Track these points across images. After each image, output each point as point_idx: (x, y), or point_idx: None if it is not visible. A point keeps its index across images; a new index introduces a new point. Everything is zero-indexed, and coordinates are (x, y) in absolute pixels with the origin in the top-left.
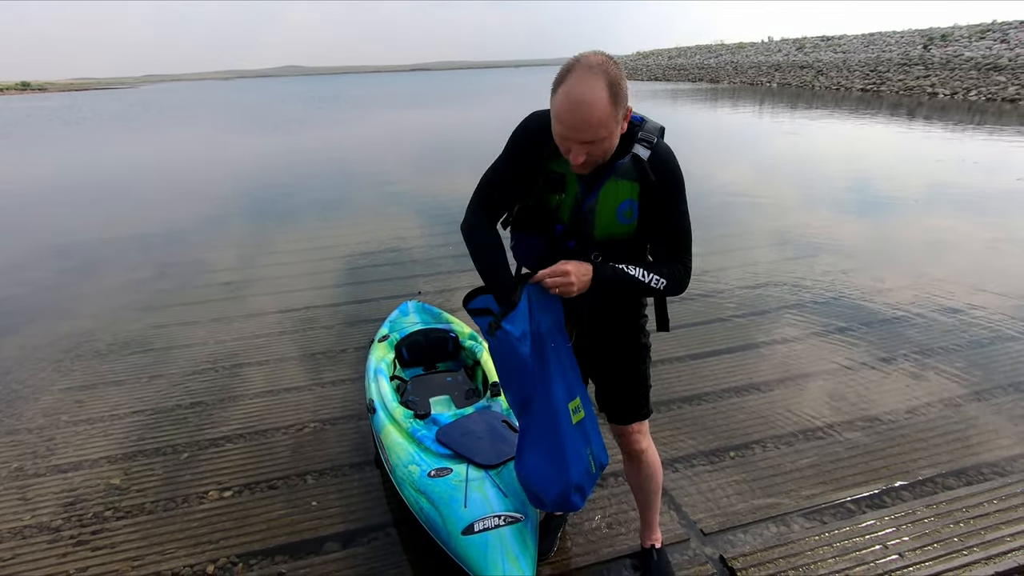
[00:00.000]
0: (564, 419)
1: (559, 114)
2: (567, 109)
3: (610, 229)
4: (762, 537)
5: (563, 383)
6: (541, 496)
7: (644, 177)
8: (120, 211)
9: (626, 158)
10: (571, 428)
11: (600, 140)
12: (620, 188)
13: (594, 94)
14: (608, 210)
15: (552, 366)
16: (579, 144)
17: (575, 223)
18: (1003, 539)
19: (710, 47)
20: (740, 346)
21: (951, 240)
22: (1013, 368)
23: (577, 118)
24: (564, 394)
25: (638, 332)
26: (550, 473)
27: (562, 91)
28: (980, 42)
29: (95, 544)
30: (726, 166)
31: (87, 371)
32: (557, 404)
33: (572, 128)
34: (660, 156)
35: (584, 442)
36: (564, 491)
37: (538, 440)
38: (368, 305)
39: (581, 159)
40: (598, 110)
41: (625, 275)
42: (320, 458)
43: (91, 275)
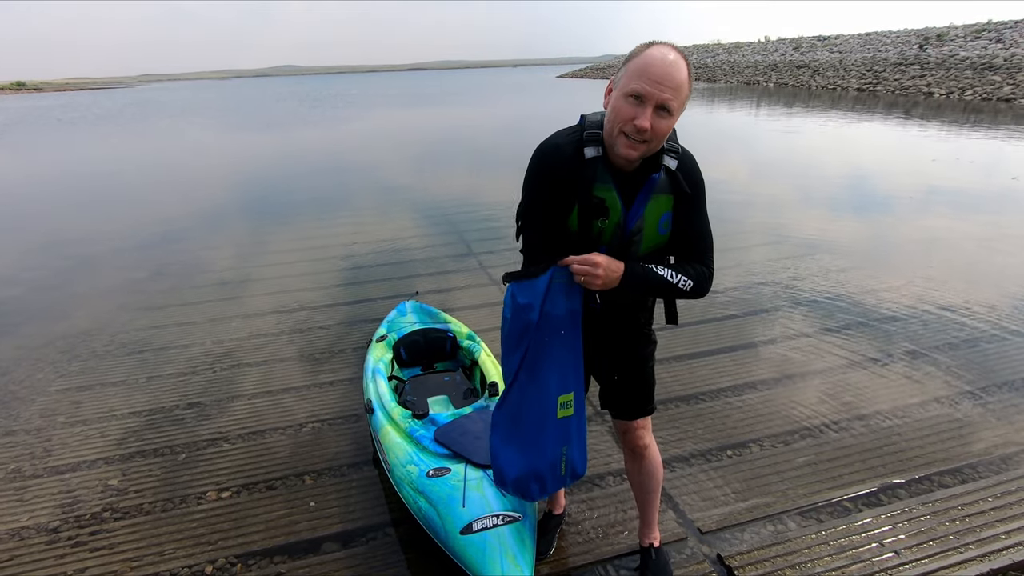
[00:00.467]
0: (548, 408)
1: (646, 67)
2: (657, 61)
3: (651, 243)
4: (759, 536)
5: (558, 372)
6: (502, 473)
7: (678, 189)
8: (117, 211)
9: (660, 172)
10: (552, 420)
11: (670, 112)
12: (660, 204)
13: (680, 60)
14: (651, 226)
15: (553, 351)
16: (655, 106)
17: (621, 245)
18: (998, 536)
19: (707, 47)
20: (737, 345)
21: (946, 239)
22: (1007, 366)
23: (665, 71)
24: (557, 384)
25: (647, 327)
26: (517, 456)
27: (648, 52)
28: (976, 42)
29: (93, 545)
30: (723, 165)
31: (84, 372)
32: (545, 390)
33: (658, 79)
34: (687, 165)
35: (562, 439)
36: (523, 476)
37: (516, 417)
38: (366, 305)
39: (647, 123)
40: (684, 72)
41: (655, 275)
42: (318, 458)
43: (88, 275)
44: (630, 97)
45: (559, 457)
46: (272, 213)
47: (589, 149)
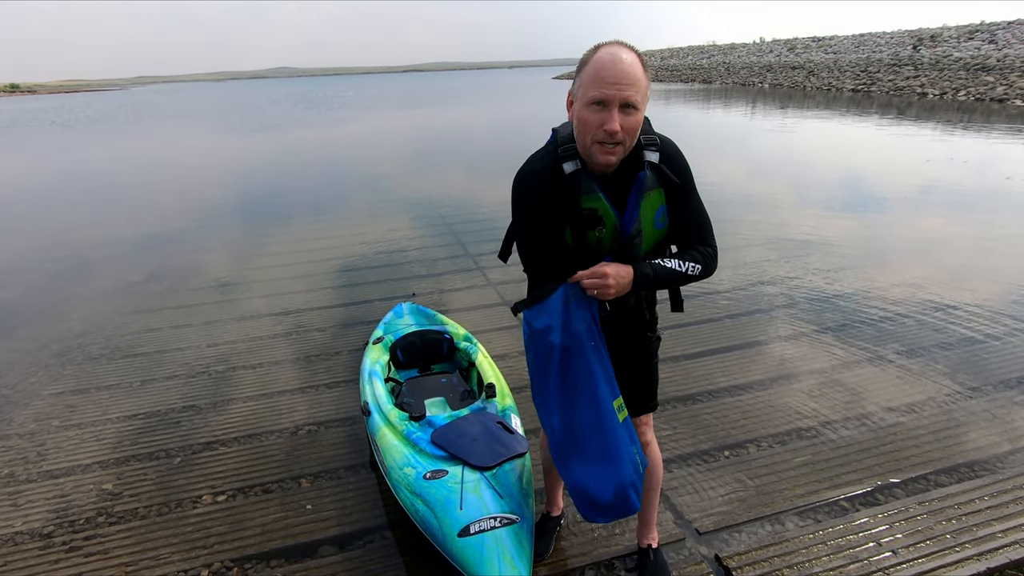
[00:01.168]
0: (611, 417)
1: (599, 71)
2: (609, 63)
3: (651, 239)
4: (757, 536)
5: (605, 380)
6: (598, 498)
7: (666, 181)
8: (112, 213)
9: (644, 170)
10: (619, 426)
11: (635, 108)
12: (652, 201)
13: (631, 56)
14: (649, 224)
15: (596, 365)
16: (618, 106)
17: (623, 249)
18: (994, 535)
19: (702, 48)
20: (733, 346)
21: (941, 239)
22: (1003, 365)
23: (620, 70)
24: (607, 391)
25: (652, 323)
26: (604, 473)
27: (597, 57)
28: (969, 43)
29: (88, 550)
30: (719, 165)
31: (79, 375)
32: (604, 402)
33: (614, 81)
34: (669, 154)
35: (630, 440)
36: (621, 489)
37: (586, 441)
38: (362, 307)
39: (617, 125)
40: (638, 68)
41: (663, 269)
42: (315, 461)
43: (83, 278)
44: (592, 105)
45: (635, 456)
46: (268, 215)
47: (568, 164)
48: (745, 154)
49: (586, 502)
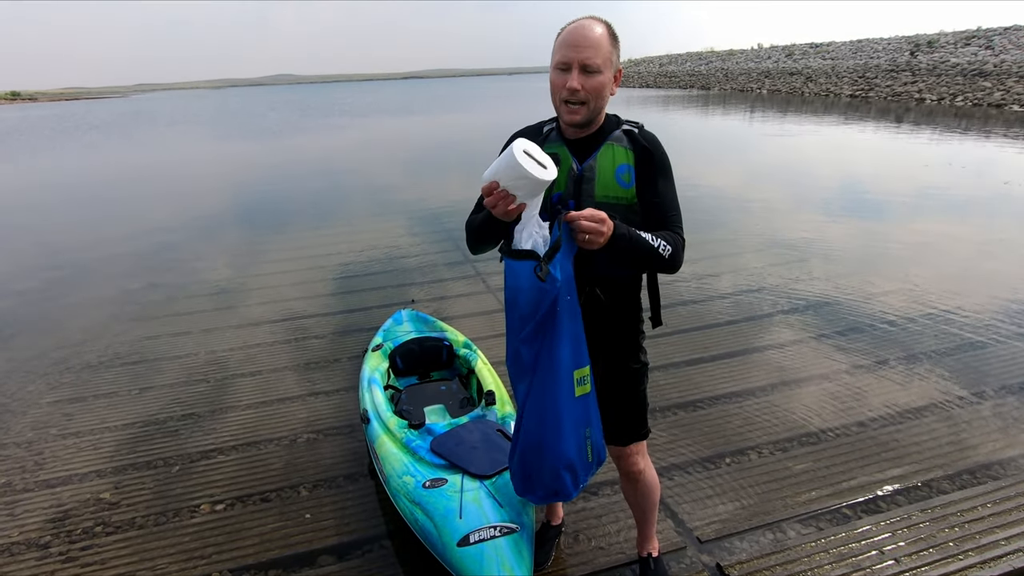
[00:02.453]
0: (565, 385)
1: (563, 38)
2: (571, 30)
3: (610, 191)
4: (758, 544)
5: (571, 345)
6: (529, 473)
7: (638, 145)
8: (110, 220)
9: (617, 131)
10: (571, 398)
11: (596, 70)
12: (616, 152)
13: (596, 24)
14: (607, 171)
15: (563, 322)
16: (579, 68)
17: (574, 186)
18: (998, 543)
19: (700, 54)
20: (734, 351)
21: (940, 244)
22: (1004, 370)
23: (580, 35)
24: (570, 358)
25: (637, 351)
26: (541, 447)
27: (566, 29)
28: (966, 48)
29: (85, 560)
30: (717, 171)
31: (76, 383)
32: (560, 367)
33: (574, 45)
34: (649, 134)
35: (583, 420)
36: (553, 470)
37: (533, 407)
38: (361, 314)
39: (576, 84)
40: (598, 32)
41: (637, 236)
42: (313, 469)
43: (81, 286)
44: (557, 69)
45: (583, 440)
46: (266, 222)
47: (546, 126)
48: (744, 160)
49: (518, 473)
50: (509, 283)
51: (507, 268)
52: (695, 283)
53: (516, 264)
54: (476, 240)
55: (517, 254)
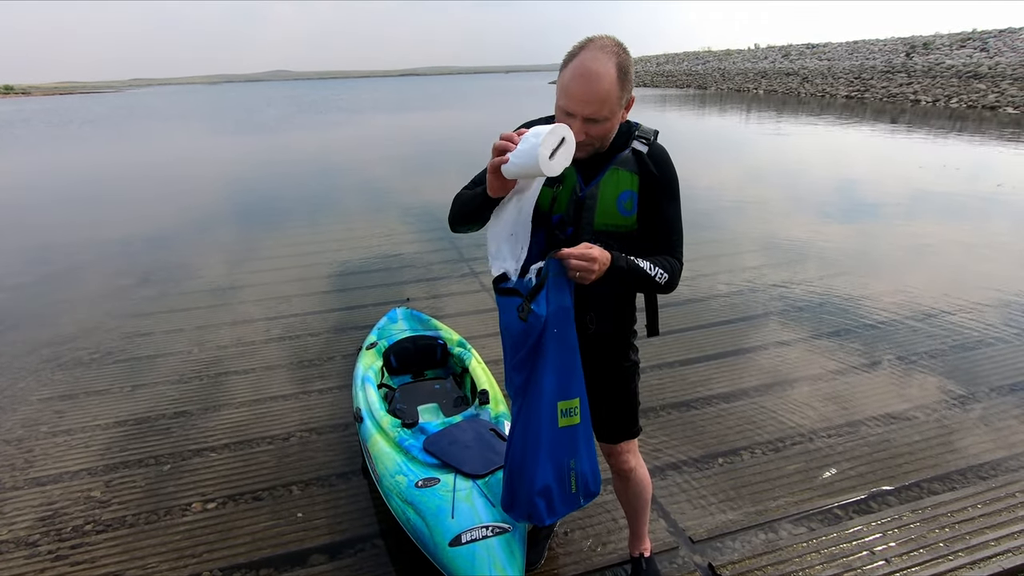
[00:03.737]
0: (546, 415)
1: (566, 85)
2: (575, 79)
3: (609, 219)
4: (750, 544)
5: (555, 376)
6: (509, 493)
7: (644, 169)
8: (104, 215)
9: (626, 151)
10: (553, 428)
11: (602, 120)
12: (620, 178)
13: (604, 69)
14: (608, 199)
15: (548, 354)
16: (582, 119)
17: (575, 211)
18: (987, 543)
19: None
20: (728, 352)
21: (934, 245)
22: (995, 372)
23: (585, 88)
24: (554, 388)
25: (627, 349)
26: (517, 472)
27: (572, 65)
28: (961, 50)
29: (74, 559)
30: (714, 171)
31: (68, 380)
32: (542, 396)
33: (578, 99)
34: (657, 152)
35: (567, 452)
36: (529, 491)
37: (521, 428)
38: (356, 312)
39: (581, 137)
40: (605, 84)
41: (635, 265)
42: (306, 468)
43: (73, 281)
44: (561, 111)
45: (567, 472)
46: (261, 218)
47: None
48: (740, 160)
49: (505, 490)
50: (500, 315)
51: (497, 301)
52: (690, 283)
53: (502, 299)
54: (459, 214)
55: (504, 291)
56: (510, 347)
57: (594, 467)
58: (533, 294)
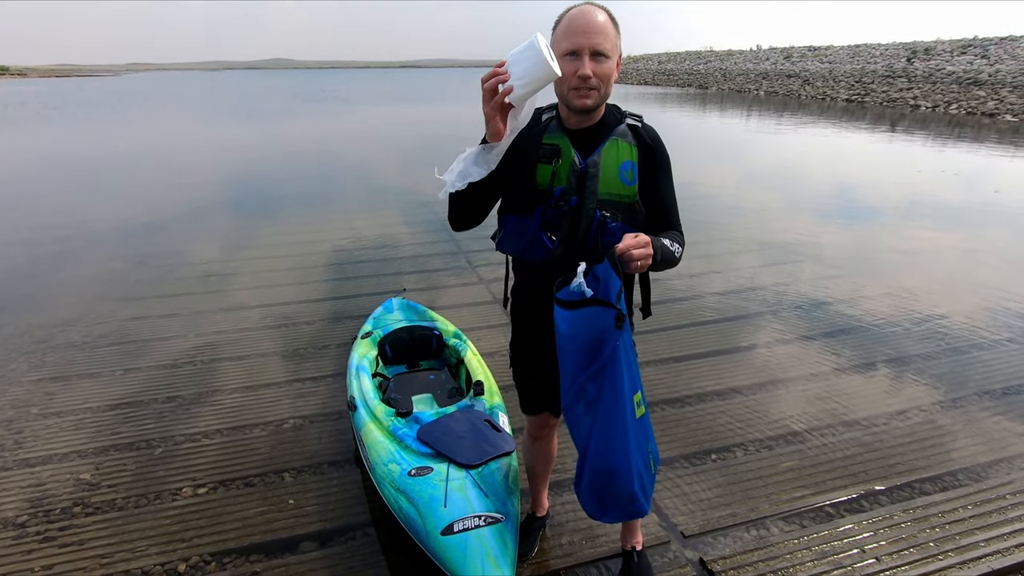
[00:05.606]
0: (629, 412)
1: (568, 24)
2: (576, 18)
3: (612, 188)
4: (742, 540)
5: (628, 373)
6: (605, 497)
7: (642, 142)
8: (99, 199)
9: (622, 125)
10: (634, 422)
11: (606, 56)
12: (620, 148)
13: (600, 12)
14: (611, 167)
15: (622, 353)
16: (590, 54)
17: (578, 181)
18: (977, 544)
19: (699, 53)
20: (723, 350)
21: (929, 249)
22: (987, 376)
23: (588, 21)
24: (630, 385)
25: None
26: (612, 467)
27: (569, 13)
28: (962, 57)
29: (63, 541)
30: (714, 171)
31: (60, 362)
32: (624, 395)
33: (583, 31)
34: (651, 129)
35: (645, 438)
36: (628, 489)
37: (601, 432)
38: (352, 301)
39: (589, 70)
40: (604, 20)
41: (664, 246)
42: (299, 455)
43: (67, 264)
44: (566, 56)
45: (647, 455)
46: (259, 206)
47: (545, 114)
48: (740, 161)
49: (593, 500)
50: (565, 328)
51: (566, 316)
52: (687, 281)
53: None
54: (459, 205)
55: (575, 304)
56: (583, 359)
57: (655, 443)
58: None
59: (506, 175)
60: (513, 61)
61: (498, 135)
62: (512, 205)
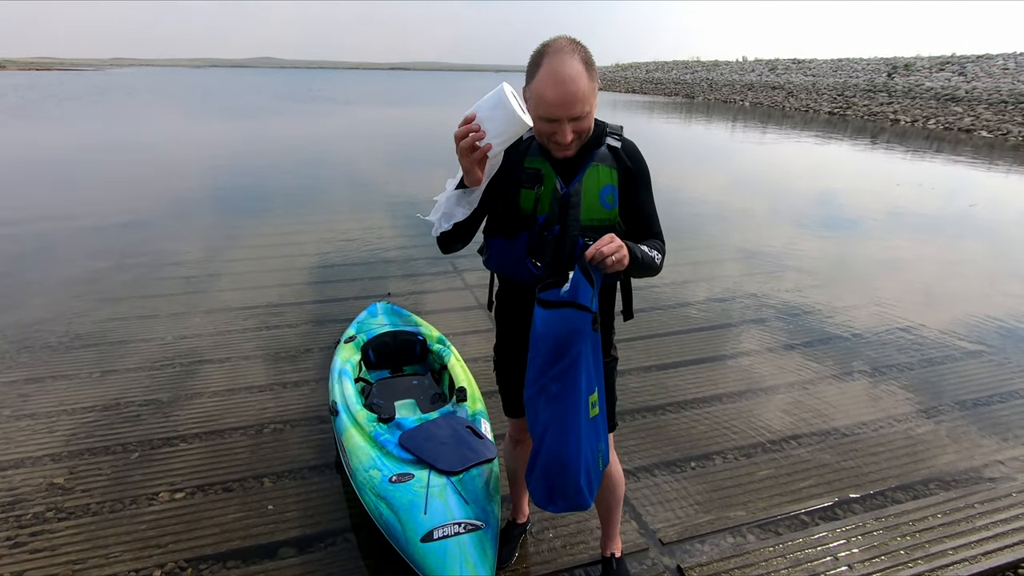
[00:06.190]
0: (583, 411)
1: (544, 94)
2: (551, 87)
3: (595, 214)
4: (719, 547)
5: (586, 373)
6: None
7: (622, 165)
8: (79, 196)
9: (602, 147)
10: (587, 422)
11: (585, 115)
12: (601, 173)
13: (575, 69)
14: (592, 194)
15: (586, 354)
16: (568, 121)
17: (560, 209)
18: (946, 552)
19: (687, 63)
20: (704, 358)
21: (907, 261)
22: (960, 386)
23: (563, 92)
24: (586, 385)
25: (608, 345)
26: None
27: (542, 75)
28: (940, 73)
29: (34, 546)
30: (698, 181)
31: (35, 363)
32: (580, 394)
33: (561, 104)
34: (630, 146)
35: (596, 437)
36: (576, 480)
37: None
38: (336, 305)
39: (570, 136)
40: (581, 83)
41: (643, 252)
42: (279, 460)
43: (44, 262)
44: (543, 120)
45: (596, 454)
46: (243, 206)
47: (525, 134)
48: (725, 171)
49: (542, 489)
50: (541, 327)
51: (543, 315)
52: (670, 289)
53: (553, 312)
54: (448, 236)
55: (553, 304)
56: (550, 357)
57: (608, 443)
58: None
59: (490, 200)
60: (485, 118)
61: (477, 182)
62: (497, 228)
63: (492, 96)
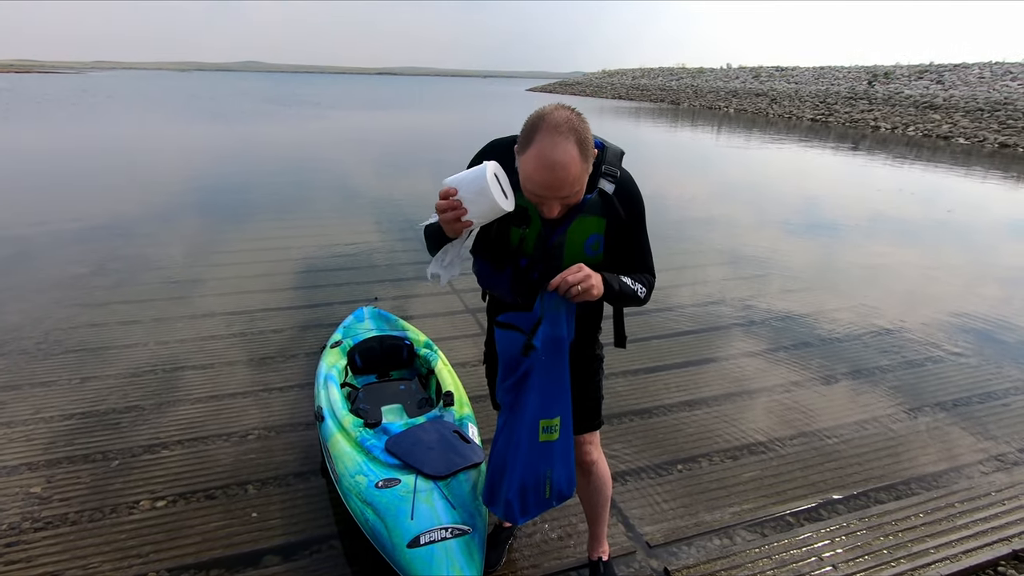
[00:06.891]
0: (528, 430)
1: (532, 175)
2: (541, 171)
3: (577, 260)
4: (705, 550)
5: (539, 397)
6: (495, 487)
7: (612, 212)
8: (59, 200)
9: (593, 194)
10: (533, 443)
11: (574, 194)
12: (587, 224)
13: (567, 154)
14: (576, 245)
15: (534, 378)
16: (555, 200)
17: (543, 257)
18: (927, 551)
19: (672, 70)
20: (690, 361)
21: (888, 265)
22: (940, 388)
23: (552, 179)
24: (537, 408)
25: (593, 344)
26: (504, 468)
27: (532, 153)
28: (919, 82)
29: (9, 558)
30: (684, 186)
31: (11, 370)
32: (525, 414)
33: (548, 188)
34: (625, 189)
35: (544, 463)
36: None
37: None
38: (322, 309)
39: (556, 211)
40: (572, 169)
41: (623, 284)
42: (263, 467)
43: (22, 267)
44: (531, 195)
45: (543, 480)
46: (227, 210)
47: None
48: (710, 176)
49: (487, 486)
50: (497, 343)
51: (496, 334)
52: (657, 293)
53: (501, 332)
54: (431, 248)
55: (503, 325)
56: (504, 371)
57: (570, 474)
58: (533, 332)
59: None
60: (467, 199)
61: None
62: (483, 250)
63: (475, 179)
